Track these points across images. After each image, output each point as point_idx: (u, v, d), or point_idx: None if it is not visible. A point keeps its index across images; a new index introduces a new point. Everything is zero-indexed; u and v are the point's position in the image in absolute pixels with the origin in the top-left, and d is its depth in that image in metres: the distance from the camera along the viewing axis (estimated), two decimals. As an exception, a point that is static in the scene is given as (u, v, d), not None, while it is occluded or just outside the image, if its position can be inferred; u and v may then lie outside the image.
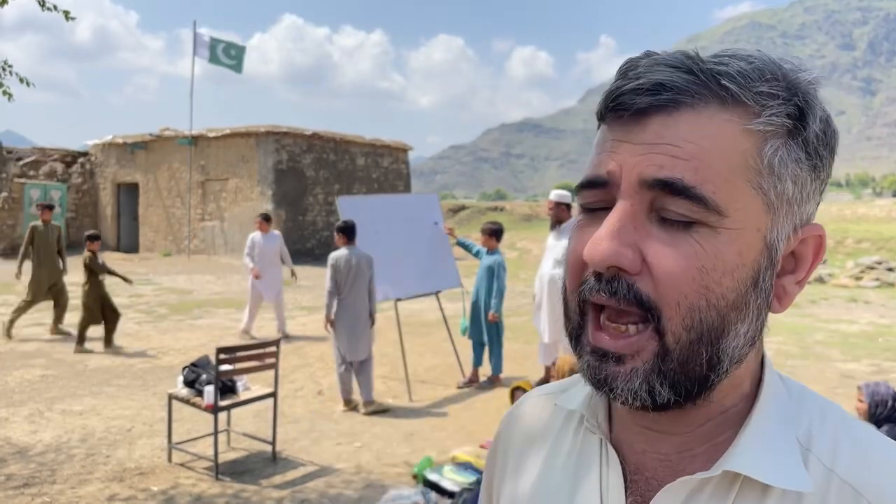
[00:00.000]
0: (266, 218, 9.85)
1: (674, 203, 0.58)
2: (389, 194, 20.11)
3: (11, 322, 9.43)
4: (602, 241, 0.59)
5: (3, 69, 5.33)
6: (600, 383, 0.62)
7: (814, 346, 9.60)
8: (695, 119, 0.59)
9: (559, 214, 6.70)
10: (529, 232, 28.40)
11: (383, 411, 6.35)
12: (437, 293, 7.63)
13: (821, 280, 17.95)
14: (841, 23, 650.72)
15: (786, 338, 10.10)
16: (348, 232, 6.36)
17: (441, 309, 7.85)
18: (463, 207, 37.71)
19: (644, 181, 0.59)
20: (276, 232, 10.14)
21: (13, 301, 12.36)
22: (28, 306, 9.62)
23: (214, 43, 21.20)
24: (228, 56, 21.41)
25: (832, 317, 12.39)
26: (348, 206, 7.03)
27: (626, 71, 0.63)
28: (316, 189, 20.97)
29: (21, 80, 5.47)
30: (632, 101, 0.60)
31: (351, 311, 6.35)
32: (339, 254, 6.36)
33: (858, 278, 17.82)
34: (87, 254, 8.98)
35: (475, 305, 7.23)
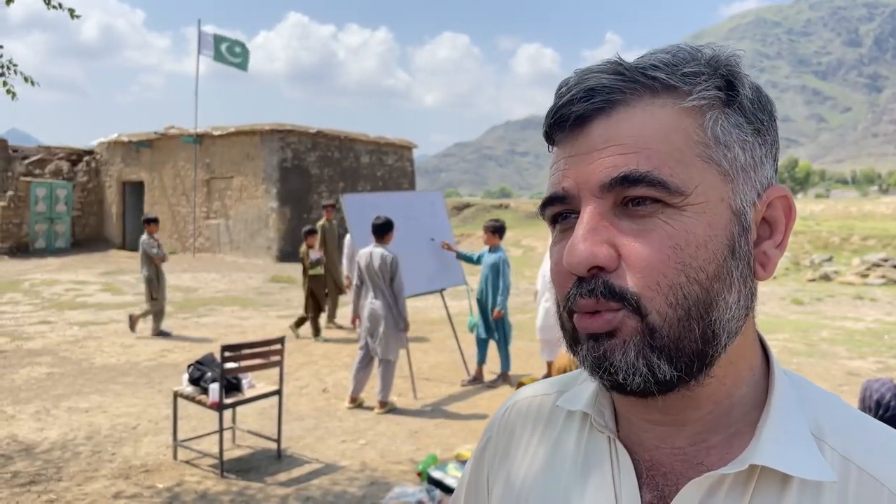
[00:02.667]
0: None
1: (635, 191, 0.61)
2: (393, 192, 20.13)
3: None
4: (578, 245, 0.61)
5: (8, 68, 5.34)
6: (600, 360, 0.62)
7: (819, 343, 9.58)
8: (632, 113, 0.62)
9: None
10: (534, 229, 28.38)
11: (389, 410, 6.36)
12: (441, 291, 7.63)
13: (826, 277, 17.90)
14: (847, 19, 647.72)
15: (791, 335, 10.07)
16: (374, 230, 6.37)
17: (446, 307, 7.85)
18: (467, 205, 37.69)
19: (603, 185, 0.61)
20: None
21: (19, 299, 12.42)
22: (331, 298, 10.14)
23: (219, 41, 21.23)
24: (233, 54, 21.44)
25: (838, 314, 12.36)
26: (353, 204, 7.03)
27: (560, 88, 0.67)
28: (321, 187, 20.98)
29: (25, 80, 5.47)
30: (570, 111, 0.64)
31: (368, 310, 6.38)
32: (363, 251, 6.41)
33: (864, 275, 17.77)
34: (305, 248, 9.63)
35: (480, 303, 7.23)
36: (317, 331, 9.53)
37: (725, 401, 0.66)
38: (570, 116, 0.64)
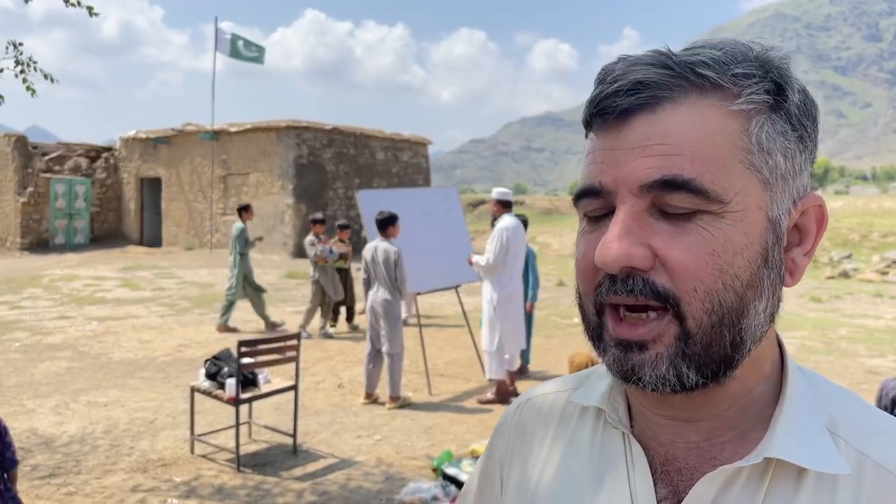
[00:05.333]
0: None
1: (675, 198, 0.60)
2: (409, 188, 20.13)
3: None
4: (612, 244, 0.60)
5: (28, 65, 5.39)
6: (627, 374, 0.63)
7: (838, 341, 9.49)
8: (678, 111, 0.61)
9: (495, 212, 6.58)
10: (550, 226, 28.31)
11: (404, 405, 6.38)
12: (456, 287, 7.63)
13: (845, 275, 17.72)
14: (867, 14, 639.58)
15: (810, 332, 9.99)
16: (377, 224, 6.41)
17: (461, 303, 7.85)
18: (482, 202, 37.63)
19: (643, 185, 0.60)
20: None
21: (39, 294, 12.56)
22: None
23: (235, 38, 21.34)
24: (248, 49, 21.55)
25: (857, 312, 12.24)
26: (368, 200, 7.05)
27: (604, 76, 0.64)
28: (336, 183, 21.03)
29: (45, 77, 5.52)
30: (614, 104, 0.62)
31: (371, 304, 6.42)
32: (368, 245, 6.46)
33: (884, 273, 17.57)
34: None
35: None
36: (349, 318, 9.90)
37: (743, 398, 0.66)
38: (613, 109, 0.62)
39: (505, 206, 6.57)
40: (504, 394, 6.48)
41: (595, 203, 0.64)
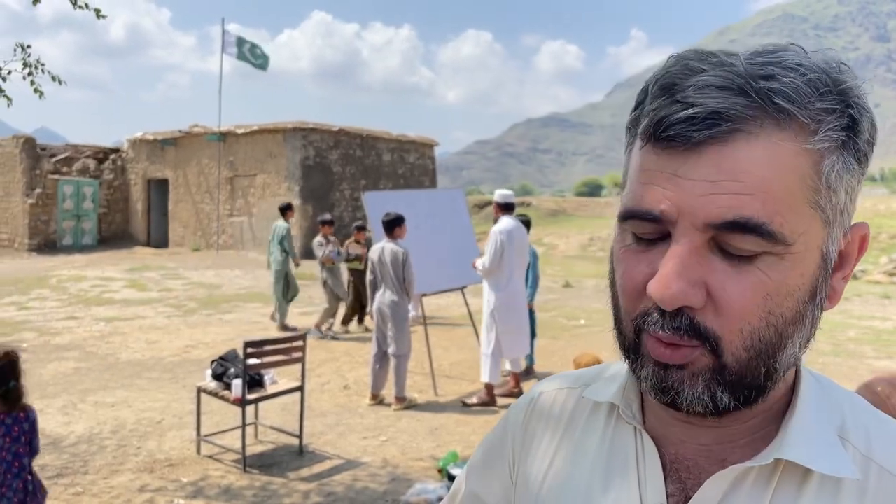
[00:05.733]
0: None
1: (741, 240, 0.57)
2: (415, 189, 20.14)
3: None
4: (671, 283, 0.58)
5: (36, 67, 5.42)
6: (666, 391, 0.62)
7: (846, 342, 9.45)
8: (752, 146, 0.57)
9: (495, 214, 6.54)
10: (556, 227, 28.27)
11: (409, 406, 6.38)
12: (462, 288, 7.63)
13: (854, 276, 17.64)
14: (875, 14, 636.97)
15: (817, 334, 9.94)
16: (384, 226, 6.42)
17: (466, 304, 7.85)
18: (489, 203, 37.59)
19: (711, 224, 0.57)
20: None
21: (47, 295, 12.62)
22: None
23: (241, 42, 21.45)
24: (254, 55, 21.66)
25: (865, 313, 12.18)
26: (374, 202, 7.06)
27: (671, 91, 0.59)
28: (342, 184, 21.06)
29: (53, 79, 5.55)
30: (688, 134, 0.57)
31: (378, 305, 6.43)
32: (375, 246, 6.49)
33: (893, 274, 17.48)
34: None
35: None
36: (360, 319, 10.00)
37: (765, 411, 0.67)
38: (687, 140, 0.57)
39: (504, 208, 6.51)
40: (490, 398, 6.44)
41: (648, 227, 0.61)
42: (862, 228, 0.65)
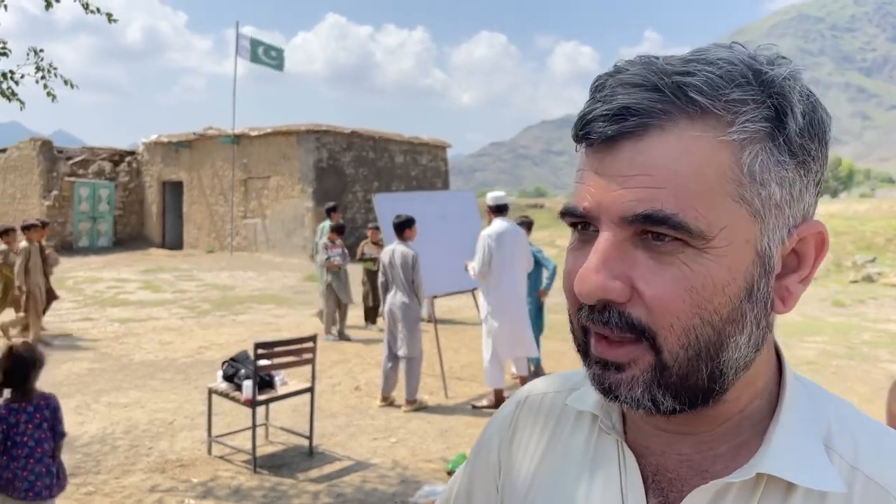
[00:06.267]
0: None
1: (657, 229, 0.58)
2: (426, 191, 20.16)
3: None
4: (590, 275, 0.59)
5: (49, 71, 5.48)
6: (606, 391, 0.63)
7: (860, 346, 9.36)
8: (665, 140, 0.57)
9: (488, 217, 6.55)
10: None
11: (420, 408, 6.39)
12: (472, 290, 7.63)
13: (869, 279, 17.47)
14: (892, 14, 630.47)
15: (831, 337, 9.86)
16: (394, 228, 6.44)
17: (477, 306, 7.84)
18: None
19: (624, 217, 0.58)
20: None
21: (63, 296, 12.73)
22: None
23: (255, 44, 21.57)
24: (269, 56, 21.77)
25: (881, 316, 12.06)
26: (384, 204, 7.08)
27: (595, 91, 0.62)
28: (355, 186, 21.12)
29: (65, 83, 5.62)
30: (600, 130, 0.59)
31: (389, 307, 6.45)
32: (386, 248, 6.53)
33: (909, 277, 17.28)
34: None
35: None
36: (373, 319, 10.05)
37: (737, 416, 0.66)
38: (601, 135, 0.59)
39: (496, 210, 6.49)
40: (499, 402, 6.44)
41: (580, 220, 0.64)
42: (815, 226, 0.63)
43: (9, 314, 9.20)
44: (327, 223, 9.95)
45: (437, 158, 24.47)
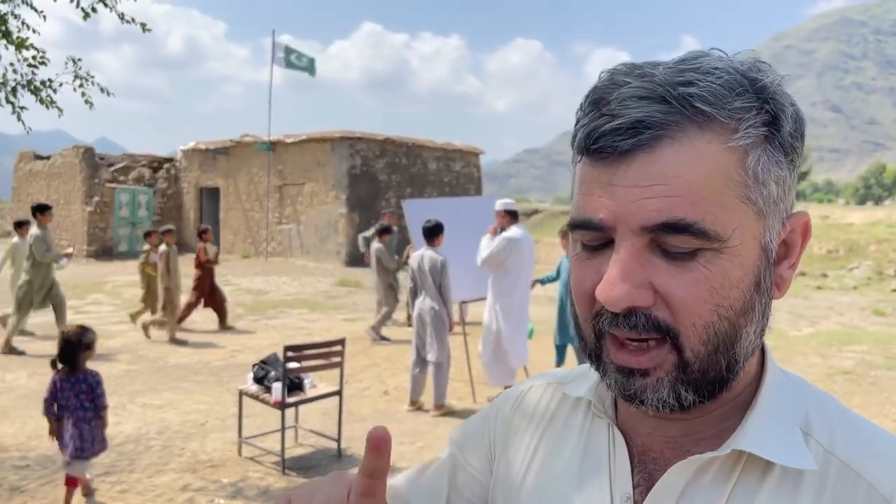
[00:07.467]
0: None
1: (676, 239, 0.60)
2: (454, 197, 20.23)
3: None
4: (615, 286, 0.61)
5: (86, 79, 5.64)
6: (631, 397, 0.65)
7: (901, 356, 9.13)
8: (677, 150, 0.60)
9: (503, 223, 6.53)
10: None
11: (447, 413, 6.41)
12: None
13: (912, 287, 17.01)
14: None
15: (870, 347, 9.65)
16: (424, 233, 6.49)
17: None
18: (536, 211, 37.49)
19: (645, 227, 0.60)
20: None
21: (102, 300, 13.02)
22: None
23: (288, 51, 21.95)
24: (300, 61, 22.16)
25: (923, 326, 11.75)
26: (413, 209, 7.13)
27: (599, 104, 0.63)
28: (388, 193, 21.26)
29: (101, 90, 5.77)
30: (614, 144, 0.61)
31: (417, 312, 6.48)
32: (415, 253, 6.57)
33: (954, 286, 16.79)
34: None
35: (561, 308, 7.19)
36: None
37: (731, 402, 0.69)
38: (613, 149, 0.61)
39: (512, 216, 6.52)
40: None
41: (592, 235, 0.65)
42: (802, 217, 0.67)
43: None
44: (379, 245, 10.12)
45: (469, 165, 24.52)
